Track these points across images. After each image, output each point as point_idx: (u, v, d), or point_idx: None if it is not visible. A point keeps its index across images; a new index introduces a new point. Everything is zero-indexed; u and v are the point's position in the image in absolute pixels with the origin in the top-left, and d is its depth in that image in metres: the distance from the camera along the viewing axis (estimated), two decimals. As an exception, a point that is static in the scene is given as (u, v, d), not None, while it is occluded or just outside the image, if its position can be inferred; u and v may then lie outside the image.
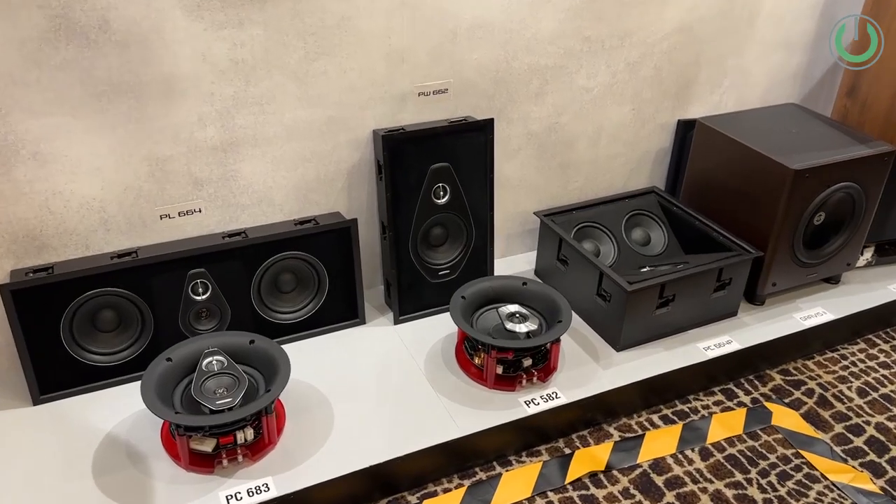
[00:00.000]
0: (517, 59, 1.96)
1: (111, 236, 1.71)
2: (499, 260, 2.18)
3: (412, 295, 1.96)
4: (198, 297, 1.73)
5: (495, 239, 2.05)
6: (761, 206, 1.96)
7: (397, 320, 1.95)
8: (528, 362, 1.72)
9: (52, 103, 1.53)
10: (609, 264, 2.04)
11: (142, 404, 1.45)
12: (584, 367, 1.82)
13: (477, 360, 1.75)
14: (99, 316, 1.66)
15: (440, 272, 1.97)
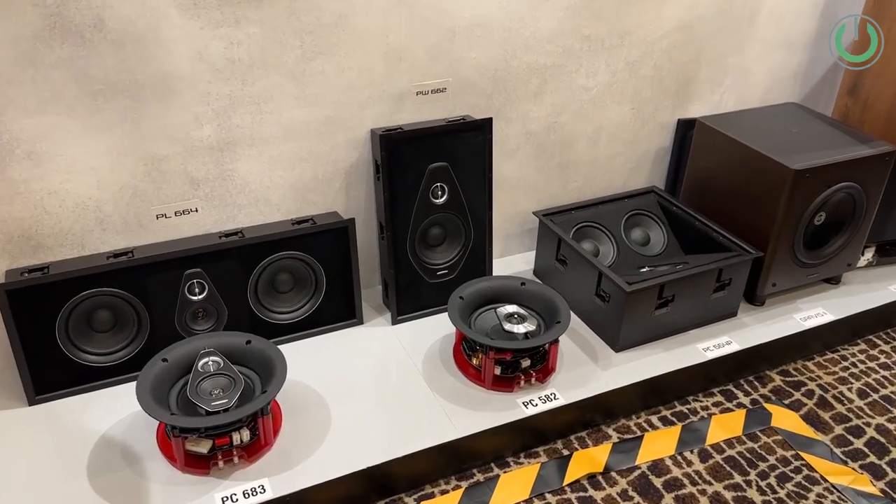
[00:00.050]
0: (516, 57, 1.95)
1: (107, 236, 1.70)
2: (497, 260, 2.17)
3: (410, 295, 1.95)
4: (194, 298, 1.72)
5: (494, 239, 2.04)
6: (761, 206, 1.95)
7: (395, 320, 1.94)
8: (526, 363, 1.72)
9: (48, 102, 1.52)
10: (608, 264, 2.03)
11: (138, 405, 1.44)
12: (583, 367, 1.81)
13: (475, 360, 1.74)
14: (95, 316, 1.66)
15: (438, 272, 1.96)
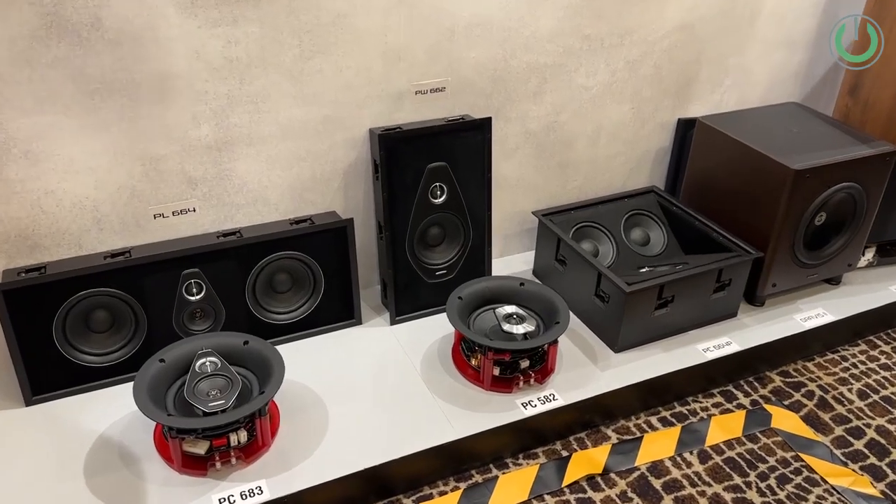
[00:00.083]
0: (515, 57, 1.94)
1: (104, 236, 1.70)
2: (496, 260, 2.17)
3: (409, 295, 1.94)
4: (192, 298, 1.72)
5: (493, 239, 2.03)
6: (762, 207, 1.94)
7: (394, 321, 1.94)
8: (525, 364, 1.71)
9: (44, 102, 1.51)
10: (608, 265, 2.03)
11: (135, 405, 1.43)
12: (582, 368, 1.81)
13: (474, 361, 1.74)
14: (92, 316, 1.65)
15: (437, 272, 1.96)
